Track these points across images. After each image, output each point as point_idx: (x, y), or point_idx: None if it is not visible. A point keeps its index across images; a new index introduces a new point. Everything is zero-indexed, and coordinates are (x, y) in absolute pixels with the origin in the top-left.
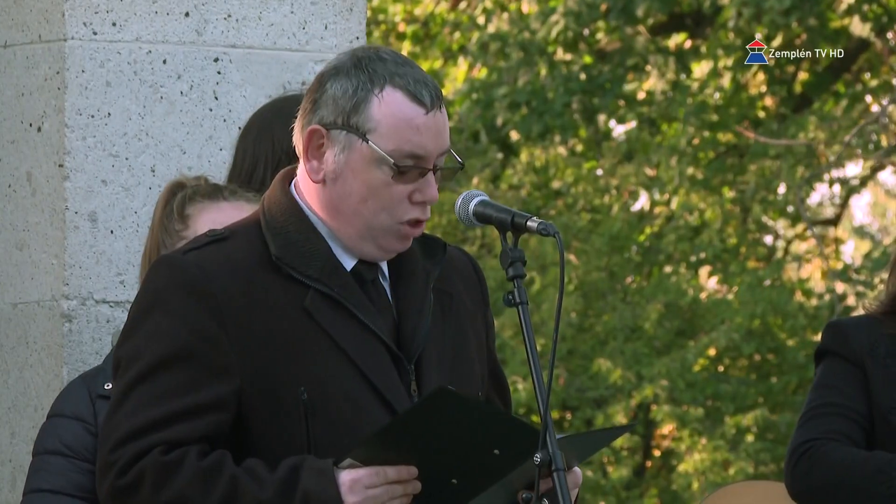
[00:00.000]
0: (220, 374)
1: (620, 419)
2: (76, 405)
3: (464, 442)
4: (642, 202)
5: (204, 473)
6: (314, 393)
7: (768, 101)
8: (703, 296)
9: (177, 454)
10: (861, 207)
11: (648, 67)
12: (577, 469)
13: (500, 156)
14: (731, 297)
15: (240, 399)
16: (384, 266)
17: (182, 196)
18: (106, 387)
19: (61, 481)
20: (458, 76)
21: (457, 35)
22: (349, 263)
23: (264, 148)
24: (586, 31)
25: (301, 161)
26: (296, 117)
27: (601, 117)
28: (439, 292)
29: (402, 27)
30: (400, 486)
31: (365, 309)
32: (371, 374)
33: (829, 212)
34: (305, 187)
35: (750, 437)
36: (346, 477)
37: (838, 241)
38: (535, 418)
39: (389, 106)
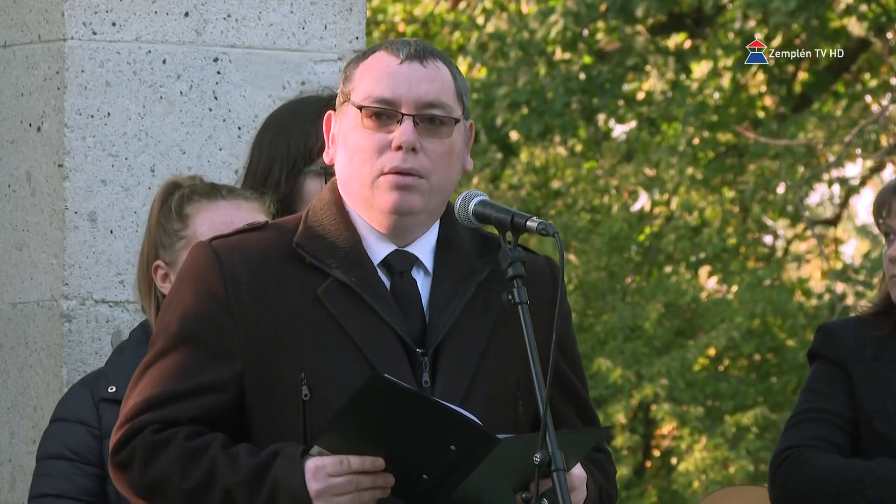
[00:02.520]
0: (223, 358)
1: (620, 418)
2: (79, 409)
3: (417, 434)
4: (642, 202)
5: (188, 453)
6: (315, 380)
7: (768, 101)
8: (702, 295)
9: (166, 434)
10: (865, 207)
11: (648, 67)
12: (575, 471)
13: (499, 156)
14: (730, 296)
15: (242, 384)
16: (428, 262)
17: (180, 195)
18: (109, 390)
19: (66, 485)
20: None
21: (456, 35)
22: (381, 254)
23: (280, 149)
24: (585, 32)
25: None
26: (313, 119)
27: (601, 117)
28: (487, 290)
29: (401, 27)
30: (368, 478)
31: (381, 299)
32: (378, 364)
33: (828, 212)
34: (339, 180)
35: (750, 437)
36: (311, 464)
37: (838, 242)
38: None
39: (368, 64)
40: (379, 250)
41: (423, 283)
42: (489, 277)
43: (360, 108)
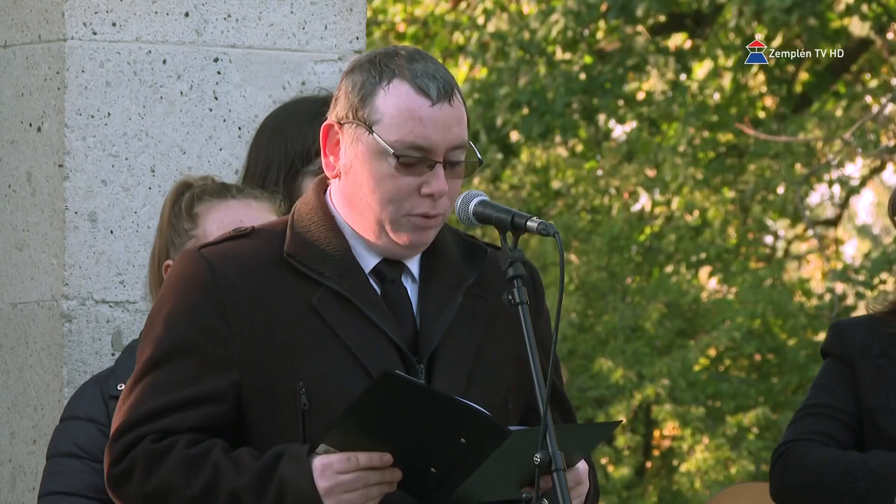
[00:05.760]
0: (220, 367)
1: (622, 419)
2: (89, 407)
3: (427, 428)
4: (643, 202)
5: (189, 461)
6: (313, 389)
7: (768, 102)
8: (703, 296)
9: (166, 443)
10: (865, 207)
11: (648, 67)
12: (579, 467)
13: (500, 156)
14: (731, 296)
15: (239, 393)
16: (415, 268)
17: (190, 195)
18: (119, 388)
19: (76, 483)
20: (458, 76)
21: (457, 35)
22: (371, 262)
23: (277, 150)
24: (586, 31)
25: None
26: (309, 119)
27: (601, 117)
28: (474, 297)
29: (401, 27)
30: (376, 473)
31: (375, 307)
32: (375, 371)
33: (829, 212)
34: (332, 187)
35: (751, 437)
36: (318, 462)
37: (838, 242)
38: None
39: (394, 97)
40: (369, 258)
41: (411, 290)
42: (476, 284)
43: (396, 155)
